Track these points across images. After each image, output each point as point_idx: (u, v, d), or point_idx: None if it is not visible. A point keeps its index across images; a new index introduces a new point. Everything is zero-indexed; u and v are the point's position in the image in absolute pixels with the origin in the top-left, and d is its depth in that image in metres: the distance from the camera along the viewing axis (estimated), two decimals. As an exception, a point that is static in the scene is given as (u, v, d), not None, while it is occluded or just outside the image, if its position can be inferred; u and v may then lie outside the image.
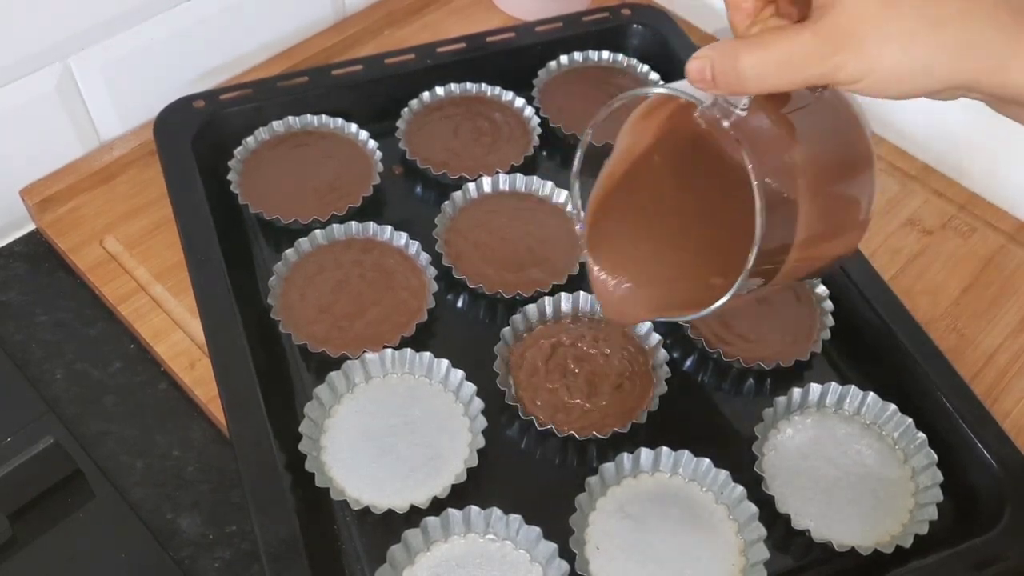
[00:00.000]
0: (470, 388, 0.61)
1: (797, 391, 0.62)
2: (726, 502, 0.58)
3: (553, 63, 0.82)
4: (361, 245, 0.69)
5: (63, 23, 0.70)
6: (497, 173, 0.74)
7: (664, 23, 0.85)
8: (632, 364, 0.64)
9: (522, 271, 0.69)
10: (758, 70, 0.39)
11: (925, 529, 0.56)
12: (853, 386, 0.62)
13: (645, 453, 0.59)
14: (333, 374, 0.61)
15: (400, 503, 0.57)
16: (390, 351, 0.63)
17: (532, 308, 0.66)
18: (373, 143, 0.75)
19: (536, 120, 0.78)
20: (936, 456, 0.59)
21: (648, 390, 0.63)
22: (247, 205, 0.70)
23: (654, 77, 0.82)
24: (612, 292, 0.52)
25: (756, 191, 0.39)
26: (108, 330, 0.69)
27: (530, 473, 0.61)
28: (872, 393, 0.62)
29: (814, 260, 0.45)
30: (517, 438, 0.62)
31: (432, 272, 0.68)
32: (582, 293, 0.66)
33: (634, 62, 0.83)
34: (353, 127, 0.76)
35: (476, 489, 0.58)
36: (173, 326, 0.68)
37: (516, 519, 0.55)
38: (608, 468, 0.58)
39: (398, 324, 0.65)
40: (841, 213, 0.45)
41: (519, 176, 0.74)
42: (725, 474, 0.58)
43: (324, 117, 0.76)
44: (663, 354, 0.64)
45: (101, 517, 0.58)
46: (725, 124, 0.41)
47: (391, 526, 0.56)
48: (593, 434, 0.60)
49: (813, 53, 0.38)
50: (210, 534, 0.59)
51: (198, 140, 0.72)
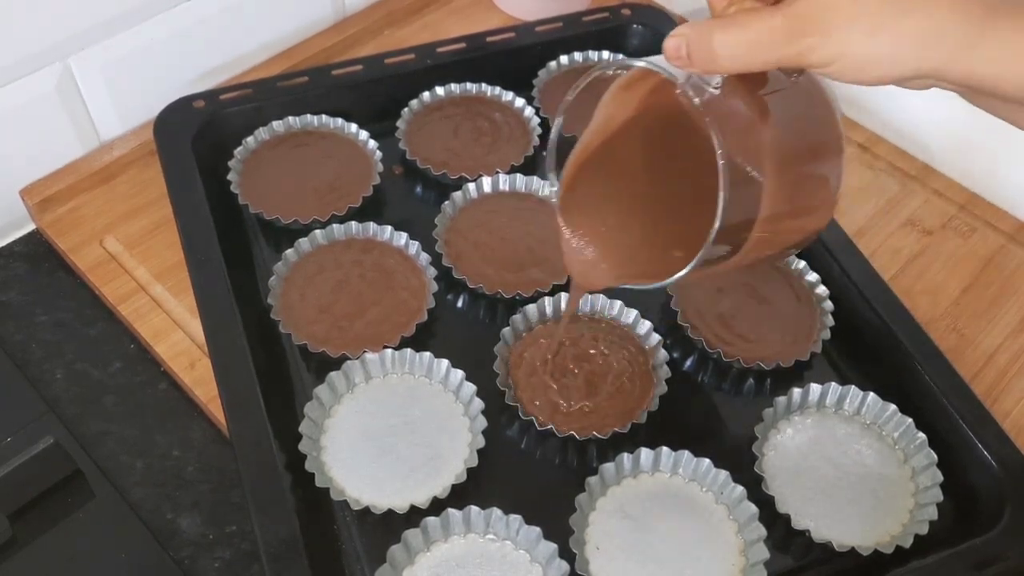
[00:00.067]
0: (470, 388, 0.61)
1: (797, 391, 0.62)
2: (726, 502, 0.58)
3: (553, 63, 0.82)
4: (361, 245, 0.69)
5: (63, 23, 0.70)
6: (497, 173, 0.74)
7: (664, 23, 0.85)
8: (632, 364, 0.64)
9: (522, 271, 0.69)
10: (731, 49, 0.40)
11: (925, 529, 0.56)
12: (853, 386, 0.62)
13: (645, 453, 0.59)
14: (333, 374, 0.61)
15: (400, 503, 0.57)
16: (390, 351, 0.63)
17: (532, 308, 0.66)
18: (373, 143, 0.75)
19: (536, 120, 0.78)
20: (936, 456, 0.59)
21: (648, 390, 0.63)
22: (247, 205, 0.70)
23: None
24: (580, 257, 0.53)
25: (721, 166, 0.40)
26: (108, 330, 0.69)
27: (530, 473, 0.61)
28: (872, 393, 0.62)
29: (779, 237, 0.46)
30: (517, 438, 0.62)
31: (432, 272, 0.68)
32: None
33: (634, 62, 0.83)
34: (353, 127, 0.76)
35: (476, 489, 0.58)
36: (173, 326, 0.68)
37: (516, 519, 0.55)
38: (608, 468, 0.58)
39: (398, 324, 0.65)
40: (807, 194, 0.46)
41: (519, 176, 0.74)
42: (725, 474, 0.58)
43: (324, 117, 0.76)
44: (663, 354, 0.64)
45: (101, 517, 0.58)
46: (696, 101, 0.42)
47: (391, 526, 0.56)
48: (593, 434, 0.60)
49: (783, 35, 0.39)
50: (210, 534, 0.59)
51: (198, 140, 0.72)
